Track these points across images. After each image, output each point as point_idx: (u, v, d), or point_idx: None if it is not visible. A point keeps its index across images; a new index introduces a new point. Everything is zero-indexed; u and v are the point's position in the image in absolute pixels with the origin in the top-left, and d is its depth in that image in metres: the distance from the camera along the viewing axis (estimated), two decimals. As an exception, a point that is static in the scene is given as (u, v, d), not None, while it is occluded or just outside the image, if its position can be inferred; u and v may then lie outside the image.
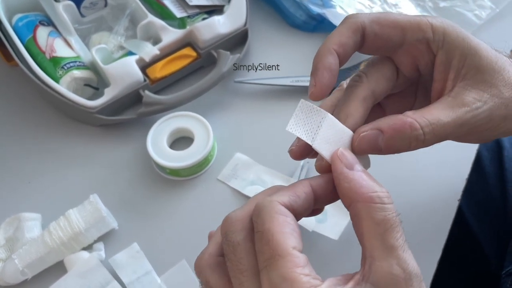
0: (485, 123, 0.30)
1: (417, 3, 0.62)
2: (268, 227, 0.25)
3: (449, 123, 0.29)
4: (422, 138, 0.29)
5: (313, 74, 0.30)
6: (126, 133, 0.55)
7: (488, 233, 0.58)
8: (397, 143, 0.29)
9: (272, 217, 0.26)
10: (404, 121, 0.29)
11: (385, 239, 0.25)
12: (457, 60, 0.30)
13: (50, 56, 0.54)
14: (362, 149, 0.29)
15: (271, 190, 0.29)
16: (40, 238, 0.45)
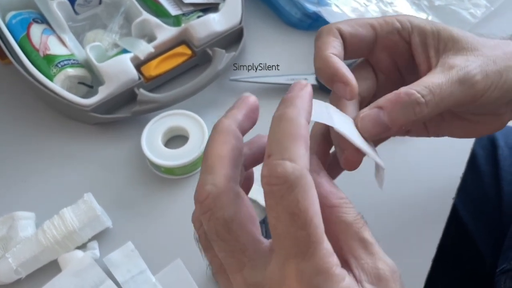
0: (481, 79, 0.30)
1: (413, 1, 0.62)
2: (306, 208, 0.21)
3: (445, 83, 0.29)
4: (423, 100, 0.28)
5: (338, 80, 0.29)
6: (121, 131, 0.54)
7: (482, 232, 0.58)
8: (400, 114, 0.28)
9: (308, 195, 0.22)
10: (399, 92, 0.29)
11: (361, 237, 0.25)
12: (430, 38, 0.31)
13: (44, 54, 0.53)
14: (368, 130, 0.28)
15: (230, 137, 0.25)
16: (34, 237, 0.45)
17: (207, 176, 0.24)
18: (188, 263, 0.46)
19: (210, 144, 0.25)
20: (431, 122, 0.37)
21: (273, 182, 0.22)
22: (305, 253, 0.22)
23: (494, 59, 0.31)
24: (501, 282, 0.48)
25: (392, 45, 0.32)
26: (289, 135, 0.23)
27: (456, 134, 0.37)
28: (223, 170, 0.24)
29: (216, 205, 0.23)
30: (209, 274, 0.46)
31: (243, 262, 0.23)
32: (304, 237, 0.22)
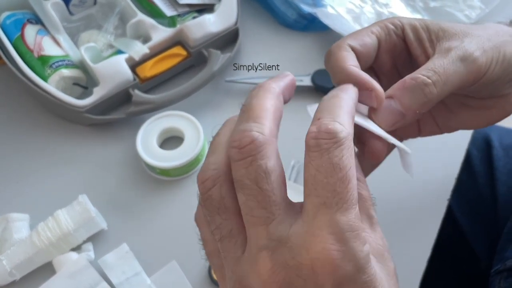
0: (480, 55, 0.30)
1: (408, 2, 0.63)
2: (349, 165, 0.22)
3: (447, 63, 0.30)
4: (429, 81, 0.29)
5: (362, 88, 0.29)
6: (116, 132, 0.54)
7: (477, 232, 0.58)
8: (411, 98, 0.29)
9: (352, 156, 0.23)
10: (404, 80, 0.29)
11: (370, 213, 0.26)
12: (422, 30, 0.32)
13: (38, 55, 0.53)
14: (384, 120, 0.29)
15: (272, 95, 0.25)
16: (28, 239, 0.45)
17: (252, 124, 0.23)
18: (183, 264, 0.46)
19: (255, 97, 0.25)
20: (440, 117, 0.37)
21: (322, 136, 0.22)
22: (340, 206, 0.22)
23: (488, 37, 0.31)
24: (496, 282, 0.48)
25: (392, 47, 0.32)
26: (340, 107, 0.24)
27: (467, 124, 0.37)
28: (269, 123, 0.24)
29: (260, 152, 0.23)
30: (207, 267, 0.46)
31: (272, 214, 0.23)
32: (343, 190, 0.22)
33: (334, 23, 0.58)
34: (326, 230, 0.22)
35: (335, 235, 0.22)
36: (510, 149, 0.58)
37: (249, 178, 0.23)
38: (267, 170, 0.23)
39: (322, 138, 0.22)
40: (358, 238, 0.22)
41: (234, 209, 0.24)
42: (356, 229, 0.22)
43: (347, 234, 0.22)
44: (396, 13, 0.61)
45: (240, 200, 0.23)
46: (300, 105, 0.56)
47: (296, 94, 0.58)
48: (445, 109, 0.37)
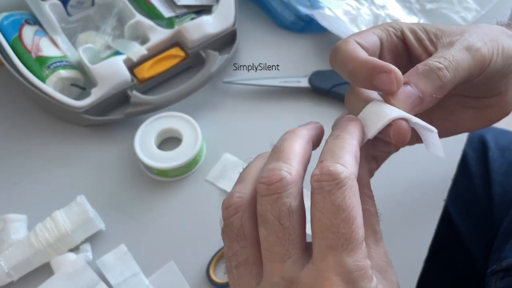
0: (482, 46, 0.30)
1: (404, 4, 0.63)
2: (352, 206, 0.23)
3: (454, 51, 0.30)
4: (442, 66, 0.29)
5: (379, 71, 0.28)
6: (114, 133, 0.54)
7: (473, 233, 0.59)
8: (427, 82, 0.29)
9: (355, 196, 0.23)
10: (417, 67, 0.29)
11: (376, 229, 0.27)
12: (421, 32, 0.32)
13: (36, 56, 0.53)
14: (404, 103, 0.28)
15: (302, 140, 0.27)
16: (26, 240, 0.45)
17: (281, 164, 0.25)
18: (181, 265, 0.46)
19: (286, 140, 0.26)
20: (438, 120, 0.37)
21: (323, 178, 0.23)
22: (346, 247, 0.23)
23: (484, 32, 0.32)
24: (492, 282, 0.49)
25: (393, 47, 0.33)
26: (342, 148, 0.25)
27: (466, 126, 0.37)
28: (297, 165, 0.25)
29: (286, 191, 0.24)
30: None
31: (289, 252, 0.24)
32: (347, 231, 0.23)
33: (331, 24, 0.58)
34: (334, 272, 0.23)
35: (342, 277, 0.23)
36: (506, 150, 0.58)
37: (273, 214, 0.24)
38: (291, 209, 0.24)
39: (324, 180, 0.23)
40: (366, 276, 0.23)
41: (252, 238, 0.25)
42: (363, 268, 0.23)
43: (354, 274, 0.23)
44: (393, 15, 0.62)
45: (261, 234, 0.24)
46: (298, 106, 0.57)
47: (293, 95, 0.58)
48: (444, 112, 0.37)
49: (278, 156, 0.26)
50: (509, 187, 0.56)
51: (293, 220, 0.24)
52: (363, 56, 0.29)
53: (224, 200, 0.26)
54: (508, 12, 0.63)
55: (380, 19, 0.61)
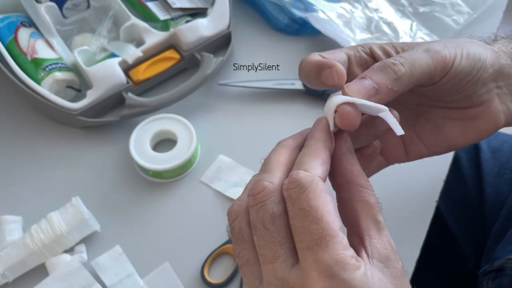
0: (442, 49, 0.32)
1: (397, 8, 0.64)
2: (316, 205, 0.25)
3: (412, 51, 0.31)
4: (397, 62, 0.30)
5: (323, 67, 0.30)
6: (109, 135, 0.54)
7: (465, 233, 0.59)
8: (382, 75, 0.30)
9: (319, 195, 0.25)
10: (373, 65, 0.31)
11: (377, 219, 0.28)
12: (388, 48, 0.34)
13: (31, 58, 0.53)
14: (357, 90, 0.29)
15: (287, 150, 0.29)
16: (21, 241, 0.45)
17: (265, 175, 0.27)
18: (176, 266, 0.46)
19: (272, 152, 0.29)
20: (426, 135, 0.38)
21: (290, 187, 0.26)
22: (320, 244, 0.24)
23: (448, 40, 0.33)
24: (484, 283, 0.49)
25: (363, 62, 0.34)
26: (307, 154, 0.28)
27: (456, 140, 0.37)
28: (279, 174, 0.27)
29: (269, 199, 0.26)
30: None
31: (278, 254, 0.26)
32: (318, 230, 0.24)
33: (325, 27, 0.59)
34: (315, 270, 0.24)
35: (323, 273, 0.24)
36: (498, 152, 0.58)
37: (259, 221, 0.26)
38: (274, 214, 0.26)
39: (291, 189, 0.26)
40: (347, 267, 0.24)
41: (250, 242, 0.27)
42: (342, 260, 0.24)
43: (334, 268, 0.24)
44: (386, 18, 0.62)
45: (255, 240, 0.27)
46: (292, 108, 0.57)
47: (288, 98, 0.59)
48: (430, 126, 0.37)
49: (264, 168, 0.28)
50: (500, 189, 0.56)
51: (276, 223, 0.26)
52: (314, 59, 0.31)
53: (229, 207, 0.29)
54: (500, 15, 0.64)
55: (374, 22, 0.62)
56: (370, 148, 0.34)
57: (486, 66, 0.33)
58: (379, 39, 0.60)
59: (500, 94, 0.35)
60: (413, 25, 0.62)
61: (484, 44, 0.35)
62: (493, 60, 0.34)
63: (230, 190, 0.50)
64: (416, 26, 0.62)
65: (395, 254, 0.27)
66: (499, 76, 0.35)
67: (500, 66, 0.34)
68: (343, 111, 0.28)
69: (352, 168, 0.29)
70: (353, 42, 0.58)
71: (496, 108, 0.35)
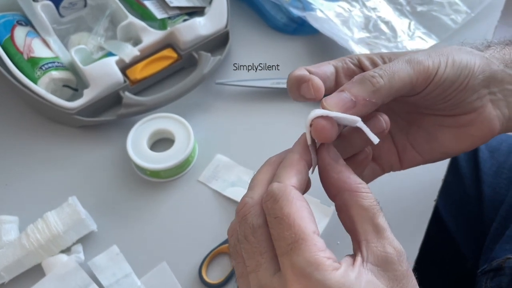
0: (425, 59, 0.32)
1: (395, 7, 0.64)
2: (288, 212, 0.26)
3: (393, 63, 0.32)
4: (376, 74, 0.31)
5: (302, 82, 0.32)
6: (106, 134, 0.54)
7: (464, 233, 0.59)
8: (360, 88, 0.31)
9: (291, 202, 0.26)
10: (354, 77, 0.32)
11: (375, 222, 0.28)
12: (376, 58, 0.35)
13: (28, 57, 0.53)
14: (334, 103, 0.30)
15: (271, 166, 0.30)
16: (17, 241, 0.45)
17: (248, 192, 0.29)
18: (173, 266, 0.46)
19: (258, 171, 0.31)
20: (419, 143, 0.38)
21: (265, 199, 0.27)
22: (293, 248, 0.25)
23: (434, 49, 0.34)
24: (482, 282, 0.49)
25: (351, 73, 0.35)
26: (282, 167, 0.29)
27: (450, 147, 0.37)
28: (260, 190, 0.29)
29: (249, 213, 0.28)
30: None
31: (260, 263, 0.27)
32: (291, 235, 0.26)
33: (323, 26, 0.58)
34: (291, 272, 0.25)
35: (298, 275, 0.25)
36: (496, 151, 0.58)
37: (242, 234, 0.28)
38: (254, 226, 0.28)
39: (266, 201, 0.27)
40: (321, 267, 0.25)
41: (242, 255, 0.29)
42: (315, 261, 0.25)
43: (308, 269, 0.25)
44: (384, 17, 0.62)
45: (242, 251, 0.28)
46: (289, 107, 0.57)
47: (285, 97, 0.59)
48: (423, 134, 0.37)
49: (249, 186, 0.30)
50: (498, 188, 0.56)
51: (257, 234, 0.27)
52: (295, 74, 0.32)
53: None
54: (498, 14, 0.64)
55: (372, 21, 0.62)
56: (362, 154, 0.35)
57: (474, 73, 0.33)
58: (377, 38, 0.60)
59: (494, 100, 0.35)
60: (411, 24, 0.62)
61: (474, 50, 0.35)
62: (483, 66, 0.34)
63: (228, 189, 0.50)
64: (414, 25, 0.62)
65: (400, 256, 0.27)
66: (491, 82, 0.35)
67: (491, 72, 0.34)
68: (317, 125, 0.29)
69: (339, 176, 0.29)
70: (351, 41, 0.58)
71: (490, 114, 0.35)
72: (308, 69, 0.33)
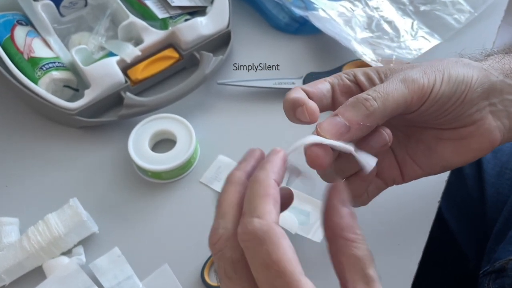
0: (420, 77, 0.32)
1: (398, 6, 0.63)
2: (277, 259, 0.24)
3: (388, 83, 0.32)
4: (369, 97, 0.31)
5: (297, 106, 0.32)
6: (107, 135, 0.54)
7: (466, 233, 0.59)
8: (353, 112, 0.31)
9: (278, 246, 0.25)
10: (347, 101, 0.32)
11: (365, 273, 0.27)
12: (372, 73, 0.35)
13: (28, 57, 0.53)
14: (329, 129, 0.30)
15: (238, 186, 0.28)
16: (18, 243, 0.44)
17: (219, 221, 0.27)
18: (175, 268, 0.46)
19: (223, 193, 0.29)
20: (419, 157, 0.37)
21: (245, 238, 0.25)
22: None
23: (430, 64, 0.34)
24: (485, 283, 0.49)
25: (347, 89, 0.35)
26: (258, 195, 0.26)
27: (451, 159, 0.37)
28: (232, 217, 0.27)
29: (226, 246, 0.26)
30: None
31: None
32: (282, 284, 0.24)
33: (325, 26, 0.58)
34: None
35: None
36: (498, 151, 0.58)
37: (221, 271, 0.26)
38: (233, 261, 0.26)
39: (247, 240, 0.25)
40: None
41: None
42: None
43: None
44: (386, 17, 0.62)
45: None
46: (292, 108, 0.57)
47: (288, 97, 0.58)
48: (422, 147, 0.37)
49: (217, 212, 0.28)
50: (501, 188, 0.56)
51: (238, 269, 0.26)
52: (291, 97, 0.32)
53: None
54: (501, 14, 0.64)
55: (374, 21, 0.61)
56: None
57: (472, 87, 0.33)
58: (380, 38, 0.60)
59: (494, 111, 0.35)
60: (414, 23, 0.62)
61: (472, 62, 0.35)
62: (481, 78, 0.34)
63: (230, 191, 0.50)
64: (417, 24, 0.62)
65: None
66: (490, 94, 0.34)
67: (490, 84, 0.34)
68: (311, 153, 0.29)
69: (340, 221, 0.28)
70: (354, 41, 0.58)
71: (490, 126, 0.35)
72: (304, 89, 0.33)
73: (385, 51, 0.58)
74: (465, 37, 0.61)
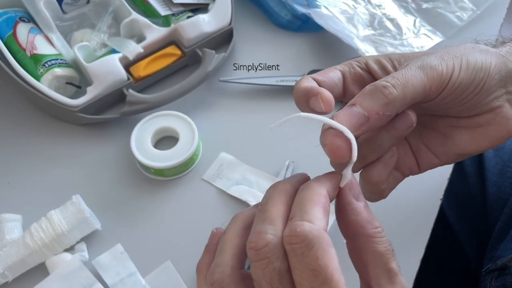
0: (439, 63, 0.31)
1: (400, 4, 0.63)
2: (325, 264, 0.24)
3: (406, 70, 0.30)
4: (388, 84, 0.29)
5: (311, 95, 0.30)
6: (110, 132, 0.54)
7: (468, 231, 0.59)
8: (372, 100, 0.29)
9: (327, 253, 0.24)
10: (364, 88, 0.30)
11: (388, 267, 0.27)
12: (385, 60, 0.33)
13: (30, 54, 0.53)
14: (347, 120, 0.29)
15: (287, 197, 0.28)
16: (21, 240, 0.45)
17: (267, 226, 0.26)
18: (178, 265, 0.46)
19: (271, 199, 0.28)
20: (435, 146, 0.37)
21: (294, 241, 0.24)
22: None
23: (447, 50, 0.32)
24: (487, 281, 0.49)
25: (358, 78, 0.34)
26: (310, 201, 0.26)
27: (467, 148, 0.36)
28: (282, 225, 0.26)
29: (274, 255, 0.25)
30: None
31: None
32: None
33: (328, 23, 0.58)
34: None
35: None
36: (500, 149, 0.58)
37: (265, 280, 0.25)
38: (281, 272, 0.25)
39: (295, 243, 0.24)
40: None
41: None
42: None
43: None
44: (389, 14, 0.62)
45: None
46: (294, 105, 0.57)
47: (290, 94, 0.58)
48: (438, 136, 0.36)
49: (263, 216, 0.27)
50: (503, 187, 0.56)
51: (284, 282, 0.25)
52: (302, 86, 0.30)
53: (208, 274, 0.28)
54: (503, 12, 0.64)
55: (377, 18, 0.61)
56: (390, 153, 0.33)
57: (490, 74, 0.32)
58: (382, 36, 0.60)
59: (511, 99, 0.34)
60: (416, 21, 0.62)
61: (489, 49, 0.33)
62: (499, 66, 0.32)
63: (232, 188, 0.50)
64: (419, 22, 0.62)
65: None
66: (508, 82, 0.33)
67: (508, 71, 0.33)
68: (332, 145, 0.27)
69: (358, 219, 0.28)
70: (356, 39, 0.58)
71: (507, 114, 0.34)
72: (315, 78, 0.31)
73: (388, 49, 0.58)
74: (467, 35, 0.61)
